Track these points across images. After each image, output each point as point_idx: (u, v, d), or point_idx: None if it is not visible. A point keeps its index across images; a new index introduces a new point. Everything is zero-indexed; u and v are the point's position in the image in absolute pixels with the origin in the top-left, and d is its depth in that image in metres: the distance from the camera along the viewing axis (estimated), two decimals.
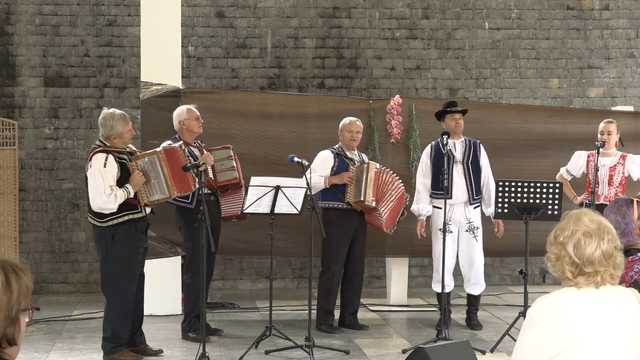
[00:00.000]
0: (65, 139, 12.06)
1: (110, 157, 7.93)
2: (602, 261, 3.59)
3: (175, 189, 8.07)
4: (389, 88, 12.56)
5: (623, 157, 9.72)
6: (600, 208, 9.51)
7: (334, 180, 9.31)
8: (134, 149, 8.35)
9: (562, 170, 10.00)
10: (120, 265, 8.01)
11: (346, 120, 9.56)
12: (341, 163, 9.40)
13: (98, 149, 8.01)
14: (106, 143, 8.04)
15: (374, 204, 9.25)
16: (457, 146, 9.55)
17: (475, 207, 9.56)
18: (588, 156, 9.80)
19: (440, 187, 9.03)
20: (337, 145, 9.55)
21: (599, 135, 9.76)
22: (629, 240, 4.58)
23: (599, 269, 3.60)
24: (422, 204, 9.60)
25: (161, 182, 8.02)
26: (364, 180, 9.23)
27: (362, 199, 9.22)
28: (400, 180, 9.53)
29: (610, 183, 9.64)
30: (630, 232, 4.61)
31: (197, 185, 8.18)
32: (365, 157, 9.70)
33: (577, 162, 9.90)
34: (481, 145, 9.67)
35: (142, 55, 10.34)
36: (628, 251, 4.57)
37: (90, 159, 7.97)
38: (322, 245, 9.15)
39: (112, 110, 8.19)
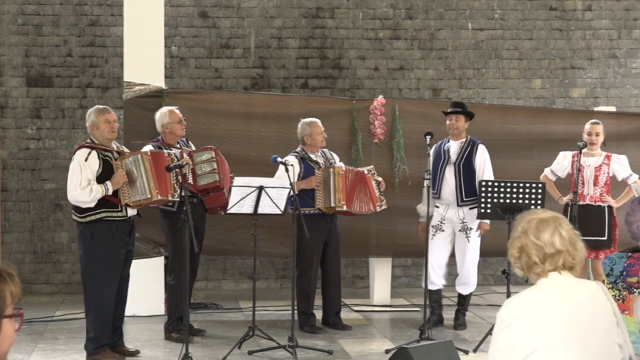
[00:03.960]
0: (47, 139, 12.02)
1: (94, 153, 7.94)
2: (563, 242, 3.72)
3: (157, 191, 8.02)
4: (372, 88, 12.56)
5: (608, 157, 9.75)
6: (585, 208, 9.57)
7: (302, 185, 9.24)
8: (125, 150, 8.33)
9: (547, 170, 9.99)
10: (99, 265, 7.97)
11: (309, 122, 9.43)
12: (307, 168, 9.33)
13: (83, 145, 8.09)
14: (94, 140, 8.06)
15: (345, 207, 9.21)
16: (453, 147, 9.55)
17: (471, 208, 9.52)
18: (573, 156, 9.82)
19: (435, 187, 9.04)
20: (299, 149, 9.45)
21: (585, 136, 9.77)
22: None
23: (561, 248, 3.72)
24: (424, 206, 9.37)
25: (144, 182, 7.97)
26: (332, 185, 9.18)
27: (332, 204, 9.20)
28: (360, 169, 9.46)
29: (595, 183, 9.66)
30: None
31: (175, 195, 8.15)
32: (330, 154, 9.62)
33: (562, 162, 9.88)
34: (480, 145, 9.58)
35: (125, 55, 10.31)
36: None
37: (74, 153, 8.04)
38: (297, 250, 8.86)
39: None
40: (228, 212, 8.54)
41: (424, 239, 9.20)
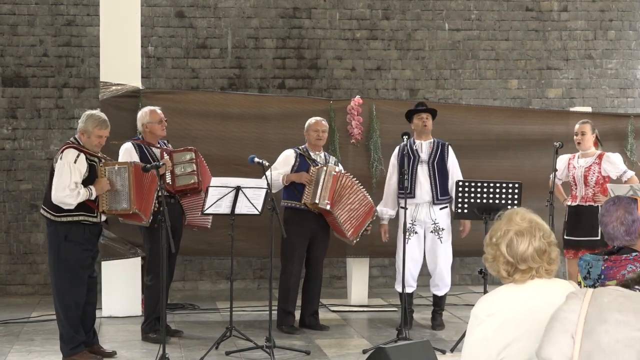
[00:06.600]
0: (23, 139, 11.95)
1: (82, 156, 7.95)
2: (535, 258, 3.75)
3: (136, 205, 8.04)
4: (349, 88, 12.57)
5: (600, 157, 9.68)
6: (577, 209, 9.55)
7: (292, 177, 9.29)
8: (108, 159, 8.32)
9: (552, 175, 9.93)
10: (70, 266, 7.98)
11: (312, 119, 9.55)
12: (302, 163, 9.38)
13: (71, 145, 8.03)
14: (79, 141, 8.03)
15: (328, 207, 9.21)
16: (423, 147, 9.57)
17: (441, 208, 9.55)
18: (569, 159, 9.82)
19: (403, 187, 9.04)
20: (302, 146, 9.53)
21: (574, 137, 9.78)
22: (631, 239, 4.62)
23: (533, 265, 3.76)
24: (386, 208, 9.60)
25: (124, 193, 8.00)
26: (320, 183, 9.20)
27: (316, 200, 9.21)
28: (364, 189, 9.52)
29: (586, 183, 9.61)
30: (634, 230, 4.64)
31: (148, 219, 8.19)
32: (331, 159, 9.67)
33: (559, 165, 9.81)
34: (450, 147, 9.67)
35: (102, 55, 10.27)
36: (621, 249, 4.62)
37: (62, 152, 7.97)
38: (281, 245, 9.13)
39: (98, 112, 8.25)
40: (205, 212, 8.54)
41: (396, 241, 9.23)
